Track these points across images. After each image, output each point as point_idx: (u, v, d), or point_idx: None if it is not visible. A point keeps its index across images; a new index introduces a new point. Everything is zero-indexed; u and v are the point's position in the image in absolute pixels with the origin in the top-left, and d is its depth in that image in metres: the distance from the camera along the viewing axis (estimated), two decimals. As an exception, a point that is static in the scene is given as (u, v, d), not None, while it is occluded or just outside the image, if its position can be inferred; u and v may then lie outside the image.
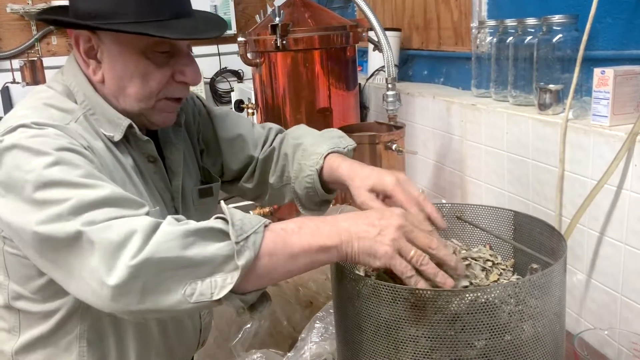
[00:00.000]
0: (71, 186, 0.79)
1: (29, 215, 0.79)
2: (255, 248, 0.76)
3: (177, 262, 0.74)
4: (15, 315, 0.97)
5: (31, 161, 0.81)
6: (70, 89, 0.97)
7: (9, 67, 3.45)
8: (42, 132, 0.85)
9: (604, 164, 1.12)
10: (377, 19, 1.65)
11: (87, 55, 0.96)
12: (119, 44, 0.94)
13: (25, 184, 0.80)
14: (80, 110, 0.95)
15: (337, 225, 0.81)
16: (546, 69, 1.35)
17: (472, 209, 1.10)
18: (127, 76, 0.95)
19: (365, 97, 2.38)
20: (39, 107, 0.92)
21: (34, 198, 0.79)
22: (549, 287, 0.79)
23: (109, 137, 0.96)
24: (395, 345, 0.78)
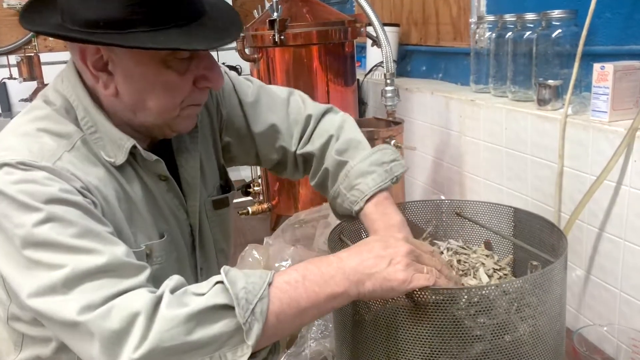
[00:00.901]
0: (64, 250, 0.74)
1: (20, 279, 0.75)
2: (262, 316, 0.73)
3: (182, 347, 0.71)
4: (17, 332, 0.93)
5: (20, 216, 0.75)
6: (70, 103, 0.87)
7: (6, 63, 3.44)
8: (30, 175, 0.77)
9: (604, 160, 1.11)
10: (375, 14, 1.64)
11: (96, 67, 0.83)
12: (135, 54, 0.81)
13: (14, 237, 0.75)
14: (79, 132, 0.86)
15: (343, 266, 0.77)
16: (545, 64, 1.35)
17: (471, 205, 1.10)
18: (148, 88, 0.84)
19: (364, 93, 2.37)
20: (30, 135, 0.83)
21: (24, 255, 0.74)
22: (549, 285, 0.79)
23: (110, 162, 0.87)
24: (395, 342, 0.78)
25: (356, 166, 1.02)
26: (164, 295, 0.74)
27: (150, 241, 0.90)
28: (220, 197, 1.08)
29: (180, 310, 0.72)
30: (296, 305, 0.75)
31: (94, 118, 0.87)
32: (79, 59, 0.84)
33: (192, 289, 0.75)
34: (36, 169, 0.78)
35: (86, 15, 0.79)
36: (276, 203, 1.90)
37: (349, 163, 1.04)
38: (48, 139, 0.83)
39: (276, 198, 1.89)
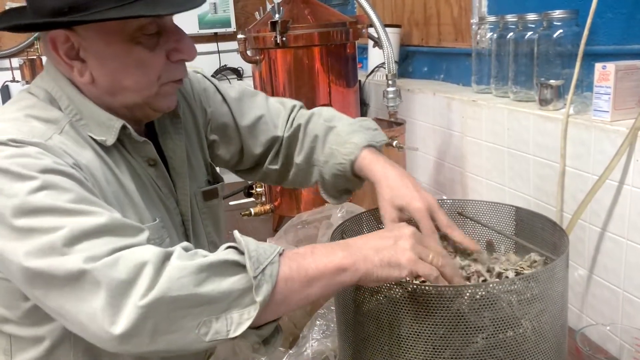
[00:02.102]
0: (62, 213, 0.72)
1: (14, 244, 0.72)
2: (272, 280, 0.72)
3: (190, 300, 0.69)
4: (6, 339, 0.90)
5: (12, 185, 0.73)
6: (52, 95, 0.88)
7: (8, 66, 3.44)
8: (22, 151, 0.76)
9: (606, 159, 1.11)
10: (377, 15, 1.64)
11: (68, 56, 0.85)
12: (104, 35, 0.82)
13: (4, 210, 0.72)
14: (66, 118, 0.86)
15: (350, 245, 0.79)
16: (547, 64, 1.35)
17: (473, 204, 1.10)
18: (121, 68, 0.85)
19: (366, 94, 2.37)
20: (19, 119, 0.83)
21: (17, 226, 0.71)
22: (551, 283, 0.79)
23: (101, 141, 0.87)
24: (398, 341, 0.78)
25: (345, 127, 1.08)
26: (175, 250, 0.73)
27: (142, 224, 0.87)
28: (209, 188, 1.09)
29: (192, 262, 0.71)
30: (304, 274, 0.74)
31: (78, 106, 0.87)
32: (51, 50, 0.85)
33: (203, 251, 0.75)
34: (28, 145, 0.77)
35: (52, 4, 0.80)
36: (278, 204, 1.90)
37: (337, 126, 1.09)
38: (37, 123, 0.83)
39: (278, 199, 1.89)
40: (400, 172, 1.00)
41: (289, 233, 1.49)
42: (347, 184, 1.08)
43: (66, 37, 0.83)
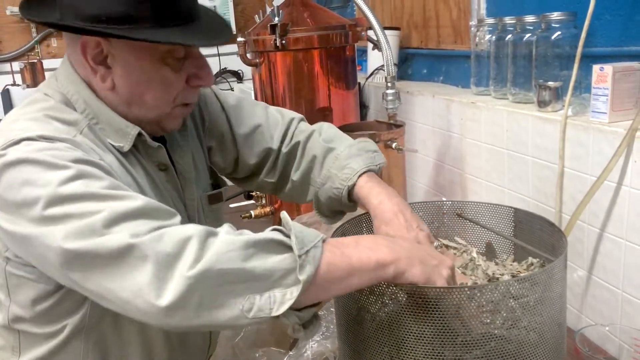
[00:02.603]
0: (99, 198, 0.73)
1: (50, 229, 0.72)
2: (315, 262, 0.72)
3: (237, 274, 0.70)
4: (15, 336, 0.92)
5: (45, 175, 0.74)
6: (68, 98, 0.89)
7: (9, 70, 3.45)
8: (52, 145, 0.77)
9: (604, 161, 1.12)
10: (376, 18, 1.65)
11: (95, 61, 0.86)
12: (135, 49, 0.85)
13: (38, 199, 0.73)
14: (84, 120, 0.87)
15: (396, 243, 0.80)
16: (545, 66, 1.36)
17: (472, 206, 1.10)
18: (145, 83, 0.88)
19: (365, 96, 2.38)
20: (40, 119, 0.83)
21: (52, 214, 0.72)
22: (549, 283, 0.79)
23: (118, 147, 0.89)
24: (397, 343, 0.79)
25: (345, 150, 1.08)
26: (222, 227, 0.75)
27: None
28: (215, 193, 1.10)
29: (240, 237, 0.72)
30: (348, 261, 0.75)
31: (95, 110, 0.89)
32: (79, 52, 0.86)
33: (249, 231, 0.76)
34: (57, 141, 0.78)
35: (90, 11, 0.81)
36: (278, 206, 1.90)
37: (337, 148, 1.09)
38: (58, 124, 0.84)
39: (278, 201, 1.90)
40: (395, 204, 0.99)
41: (289, 235, 1.49)
42: (342, 207, 1.08)
43: (97, 43, 0.85)
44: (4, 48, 3.72)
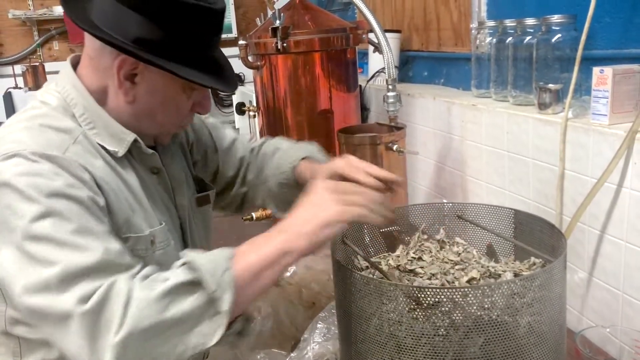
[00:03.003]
0: (60, 245, 0.77)
1: (15, 272, 0.78)
2: (231, 288, 0.77)
3: (159, 326, 0.75)
4: (15, 341, 0.93)
5: (22, 207, 0.78)
6: (67, 102, 0.92)
7: (11, 73, 3.46)
8: (38, 168, 0.80)
9: (604, 162, 1.12)
10: (377, 20, 1.66)
11: (125, 76, 0.91)
12: (166, 76, 0.91)
13: (16, 229, 0.78)
14: (78, 128, 0.91)
15: (284, 227, 0.87)
16: (545, 68, 1.36)
17: (472, 207, 1.11)
18: (163, 105, 0.95)
19: (366, 99, 2.39)
20: (35, 129, 0.86)
21: (24, 247, 0.77)
22: (549, 284, 0.80)
23: (113, 152, 0.92)
24: (397, 343, 0.79)
25: (289, 145, 1.25)
26: (135, 281, 0.78)
27: (152, 228, 0.95)
28: (203, 195, 1.16)
29: (152, 292, 0.76)
30: (254, 269, 0.81)
31: (92, 115, 0.93)
32: (115, 65, 0.90)
33: (162, 274, 0.79)
34: (45, 161, 0.82)
35: (137, 33, 0.87)
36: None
37: (283, 146, 1.25)
38: (52, 134, 0.87)
39: (280, 204, 1.90)
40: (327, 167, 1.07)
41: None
42: (294, 193, 1.13)
43: (135, 63, 0.90)
44: (6, 51, 3.73)
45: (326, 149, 1.79)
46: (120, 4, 0.87)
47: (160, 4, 0.87)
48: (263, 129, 1.92)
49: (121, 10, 0.87)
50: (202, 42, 0.93)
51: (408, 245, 1.12)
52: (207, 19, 0.91)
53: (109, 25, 0.88)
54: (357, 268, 1.06)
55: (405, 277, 0.97)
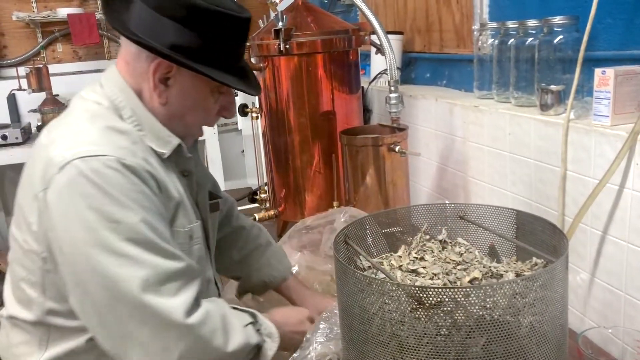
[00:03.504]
0: (152, 251, 0.88)
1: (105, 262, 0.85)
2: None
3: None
4: (44, 330, 0.97)
5: (112, 209, 0.86)
6: (116, 104, 0.98)
7: (15, 75, 3.47)
8: (121, 176, 0.88)
9: (606, 163, 1.12)
10: (379, 22, 1.66)
11: (159, 79, 0.98)
12: (196, 79, 0.98)
13: (107, 231, 0.85)
14: (134, 130, 0.98)
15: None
16: (547, 69, 1.36)
17: (474, 208, 1.11)
18: (192, 106, 1.02)
19: (369, 100, 2.39)
20: (103, 131, 0.93)
21: (113, 249, 0.85)
22: (551, 284, 0.80)
23: (160, 153, 0.99)
24: (399, 343, 0.79)
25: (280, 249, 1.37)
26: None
27: (190, 224, 1.04)
28: (214, 202, 1.21)
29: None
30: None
31: (140, 117, 0.99)
32: (147, 69, 0.97)
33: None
34: (122, 167, 0.89)
35: (173, 40, 0.94)
36: (282, 210, 1.91)
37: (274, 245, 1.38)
38: (116, 137, 0.94)
39: (282, 205, 1.91)
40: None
41: (293, 238, 1.50)
42: (262, 290, 1.31)
43: (170, 67, 0.97)
44: (10, 53, 3.75)
45: (328, 150, 1.81)
46: (157, 13, 0.93)
47: (195, 13, 0.93)
48: (266, 131, 1.92)
49: (158, 18, 0.93)
50: (231, 48, 0.99)
51: (410, 245, 1.12)
52: (237, 27, 0.98)
53: (147, 33, 0.94)
54: (360, 268, 1.06)
55: (408, 277, 0.98)
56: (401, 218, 1.15)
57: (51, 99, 3.38)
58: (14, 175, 3.72)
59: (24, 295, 0.97)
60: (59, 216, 0.87)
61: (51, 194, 0.87)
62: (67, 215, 0.86)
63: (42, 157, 0.91)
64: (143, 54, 0.97)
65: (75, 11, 3.60)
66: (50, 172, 0.87)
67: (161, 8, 0.93)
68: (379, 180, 1.61)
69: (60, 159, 0.87)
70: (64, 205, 0.86)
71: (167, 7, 0.93)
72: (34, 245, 0.92)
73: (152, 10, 0.93)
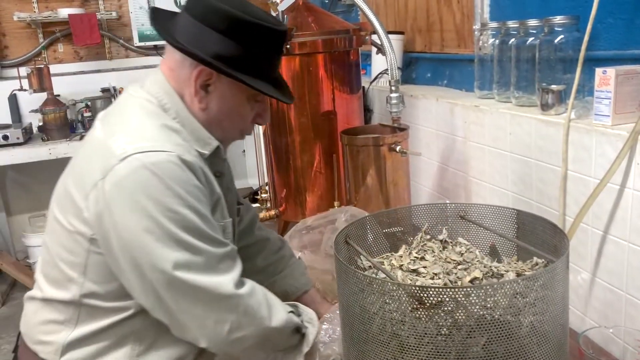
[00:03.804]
0: (206, 241, 0.95)
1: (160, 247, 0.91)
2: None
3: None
4: (74, 309, 1.02)
5: (173, 204, 0.92)
6: (162, 105, 1.04)
7: (16, 75, 3.46)
8: (181, 170, 0.95)
9: (607, 163, 1.12)
10: (380, 22, 1.66)
11: (200, 85, 1.03)
12: (234, 86, 1.04)
13: (164, 219, 0.91)
14: (182, 129, 1.03)
15: None
16: (548, 69, 1.36)
17: (475, 208, 1.11)
18: (231, 113, 1.07)
19: (369, 100, 2.39)
20: (160, 129, 0.99)
21: (172, 235, 0.92)
22: (552, 284, 0.80)
23: (202, 153, 1.05)
24: (400, 343, 0.79)
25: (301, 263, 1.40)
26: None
27: (224, 220, 1.08)
28: (238, 207, 1.29)
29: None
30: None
31: (184, 119, 1.04)
32: (193, 75, 1.02)
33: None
34: (182, 163, 0.95)
35: (216, 50, 1.00)
36: (283, 210, 1.91)
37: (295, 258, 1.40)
38: (172, 135, 1.00)
39: (283, 205, 1.91)
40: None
41: (293, 239, 1.50)
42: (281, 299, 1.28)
43: (210, 74, 1.02)
44: (11, 53, 3.75)
45: (329, 150, 1.81)
46: (201, 24, 1.00)
47: (237, 25, 0.99)
48: (266, 131, 1.92)
49: (202, 29, 1.00)
50: (268, 59, 1.05)
51: (411, 245, 1.12)
52: (274, 39, 1.04)
53: (191, 42, 1.00)
54: (360, 268, 1.06)
55: (408, 277, 0.98)
56: (402, 218, 1.16)
57: (52, 99, 3.37)
58: (15, 176, 3.72)
59: (61, 275, 1.02)
60: (119, 204, 0.92)
61: (111, 182, 0.93)
62: (127, 203, 0.92)
63: (99, 148, 0.98)
64: (186, 61, 1.02)
65: (76, 11, 3.60)
66: (110, 162, 0.93)
67: (205, 20, 1.00)
68: (379, 180, 1.61)
69: (122, 152, 0.93)
70: (124, 194, 0.92)
71: (210, 19, 0.99)
72: (82, 227, 0.98)
73: (197, 21, 1.00)
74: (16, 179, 3.74)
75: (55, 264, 1.02)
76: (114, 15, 3.71)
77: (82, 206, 0.97)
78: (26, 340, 1.07)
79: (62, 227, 1.01)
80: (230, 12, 0.99)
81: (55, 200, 1.06)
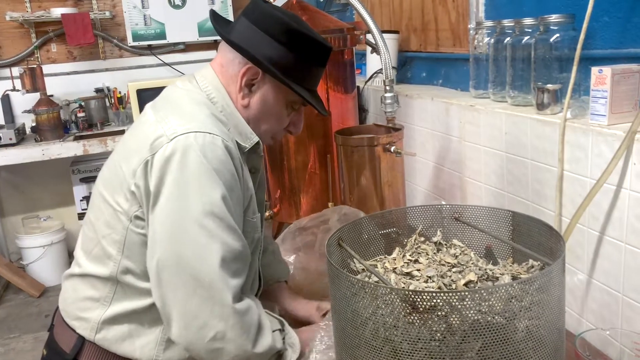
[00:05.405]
0: (226, 229, 0.99)
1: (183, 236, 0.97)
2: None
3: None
4: (111, 287, 1.07)
5: (207, 187, 0.98)
6: (210, 98, 1.10)
7: (8, 75, 3.44)
8: (224, 155, 1.01)
9: (603, 163, 1.11)
10: (374, 21, 1.65)
11: (246, 84, 1.10)
12: (277, 89, 1.11)
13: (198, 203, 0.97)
14: (227, 122, 1.09)
15: None
16: (544, 68, 1.35)
17: (470, 210, 1.10)
18: (269, 114, 1.13)
19: (364, 100, 2.38)
20: (208, 116, 1.05)
21: (197, 219, 0.96)
22: (548, 287, 0.79)
23: (243, 147, 1.10)
24: (393, 348, 0.78)
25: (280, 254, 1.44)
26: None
27: (255, 214, 1.14)
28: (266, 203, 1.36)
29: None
30: None
31: (229, 113, 1.11)
32: (240, 72, 1.09)
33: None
34: (225, 150, 1.01)
35: (266, 53, 1.07)
36: (278, 211, 1.90)
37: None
38: (219, 124, 1.06)
39: (278, 206, 1.89)
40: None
41: (286, 241, 1.49)
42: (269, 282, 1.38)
43: (256, 74, 1.09)
44: (3, 53, 3.72)
45: (323, 150, 1.80)
46: (257, 29, 1.07)
47: (292, 34, 1.07)
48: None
49: (257, 33, 1.07)
50: (313, 71, 1.13)
51: (405, 247, 1.11)
52: (323, 54, 1.13)
53: (246, 44, 1.08)
54: (353, 271, 1.05)
55: (402, 280, 0.96)
56: (397, 219, 1.14)
57: (45, 100, 3.35)
58: (8, 177, 3.69)
59: (102, 252, 1.06)
60: (165, 180, 0.98)
61: (159, 159, 0.98)
62: (173, 180, 0.97)
63: (150, 131, 1.03)
64: (237, 59, 1.10)
65: (69, 11, 3.57)
66: (161, 141, 0.99)
67: (262, 25, 1.07)
68: (374, 180, 1.60)
69: (172, 132, 1.00)
70: (171, 170, 0.97)
71: (267, 25, 1.07)
72: (126, 205, 1.03)
73: (253, 25, 1.08)
74: (9, 180, 3.71)
75: (97, 240, 1.07)
76: (108, 15, 3.69)
77: (130, 182, 1.01)
78: (64, 316, 1.11)
79: (107, 204, 1.06)
80: (286, 22, 1.07)
81: (101, 177, 1.12)
